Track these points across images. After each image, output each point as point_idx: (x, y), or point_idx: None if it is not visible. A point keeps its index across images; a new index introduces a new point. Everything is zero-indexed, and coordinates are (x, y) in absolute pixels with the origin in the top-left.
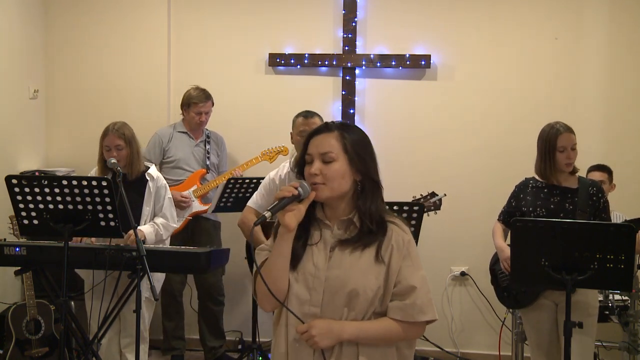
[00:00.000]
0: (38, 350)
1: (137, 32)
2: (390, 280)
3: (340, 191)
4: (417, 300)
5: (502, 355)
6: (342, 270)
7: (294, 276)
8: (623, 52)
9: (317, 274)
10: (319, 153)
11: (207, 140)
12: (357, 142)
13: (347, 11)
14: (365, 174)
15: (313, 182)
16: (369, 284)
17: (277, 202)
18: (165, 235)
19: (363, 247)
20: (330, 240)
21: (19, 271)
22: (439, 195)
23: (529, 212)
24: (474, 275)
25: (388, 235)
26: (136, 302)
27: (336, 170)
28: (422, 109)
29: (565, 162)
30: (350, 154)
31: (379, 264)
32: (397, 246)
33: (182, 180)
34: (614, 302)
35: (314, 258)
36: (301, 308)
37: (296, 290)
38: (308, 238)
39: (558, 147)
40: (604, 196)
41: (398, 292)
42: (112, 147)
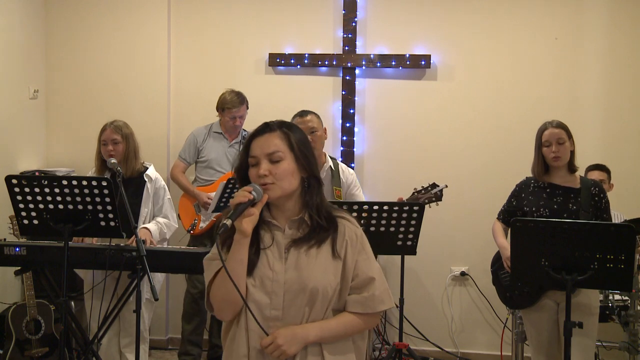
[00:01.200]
0: (38, 350)
1: (137, 32)
2: (347, 275)
3: (290, 189)
4: (376, 292)
5: (502, 355)
6: (301, 271)
7: (251, 282)
8: (622, 52)
9: (276, 278)
10: (265, 154)
11: (242, 141)
12: (300, 140)
13: (347, 11)
14: (310, 171)
15: (263, 182)
16: (328, 281)
17: (235, 209)
18: (168, 234)
19: (318, 244)
20: (283, 242)
21: (19, 271)
22: (440, 186)
23: (531, 212)
24: (474, 275)
25: (341, 231)
26: (136, 302)
27: (285, 169)
28: (422, 109)
29: (552, 156)
30: (295, 152)
31: (335, 260)
32: (350, 241)
33: (213, 181)
34: (614, 302)
35: (269, 262)
36: (262, 313)
37: (255, 296)
38: (259, 242)
39: (543, 141)
40: (605, 196)
41: (356, 286)
42: (109, 141)
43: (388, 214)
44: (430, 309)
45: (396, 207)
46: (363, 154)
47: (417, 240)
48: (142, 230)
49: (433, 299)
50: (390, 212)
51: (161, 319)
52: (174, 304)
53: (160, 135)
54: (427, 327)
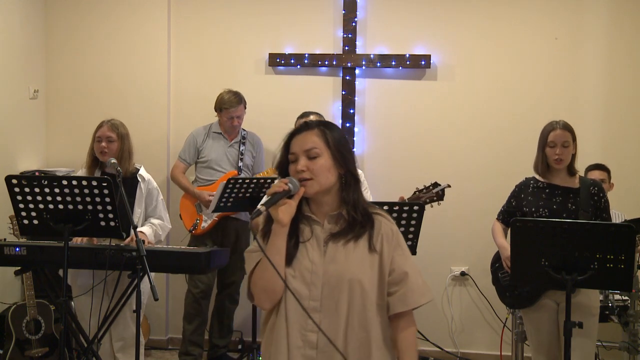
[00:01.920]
0: (38, 350)
1: (137, 31)
2: (384, 269)
3: (327, 185)
4: (414, 285)
5: (502, 355)
6: (339, 263)
7: (290, 272)
8: (622, 52)
9: (315, 269)
10: (303, 150)
11: (242, 141)
12: (338, 137)
13: (347, 11)
14: (347, 167)
15: (301, 178)
16: (365, 273)
17: (270, 197)
18: (163, 236)
19: (355, 238)
20: (322, 236)
21: (19, 271)
22: (441, 186)
23: (530, 213)
24: (474, 275)
25: (377, 226)
26: (136, 302)
27: (322, 164)
28: (422, 109)
29: (554, 158)
30: (332, 149)
31: (372, 254)
32: (386, 236)
33: (214, 181)
34: (614, 302)
35: (309, 254)
36: (301, 304)
37: (294, 286)
38: (299, 235)
39: (548, 141)
40: (604, 196)
41: (393, 281)
42: (104, 138)
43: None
44: (430, 309)
45: (396, 206)
46: (363, 154)
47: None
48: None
49: (433, 298)
50: (391, 212)
51: (161, 319)
52: (174, 304)
53: (160, 135)
54: (427, 327)
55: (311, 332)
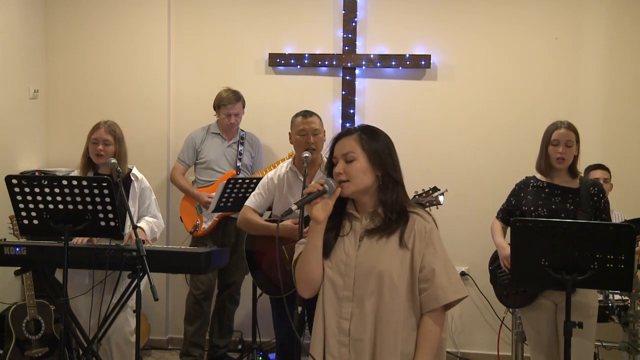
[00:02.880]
0: (38, 350)
1: (137, 32)
2: (415, 265)
3: (363, 186)
4: (443, 282)
5: (501, 355)
6: (370, 256)
7: (328, 264)
8: (622, 52)
9: (348, 261)
10: (342, 154)
11: (240, 141)
12: (376, 141)
13: (347, 11)
14: (385, 170)
15: (339, 179)
16: (394, 267)
17: (304, 197)
18: (158, 234)
19: (388, 234)
20: (359, 231)
21: (19, 271)
22: (440, 190)
23: (529, 212)
24: (474, 275)
25: (410, 224)
26: (136, 302)
27: (357, 168)
28: (422, 109)
29: (556, 156)
30: (368, 152)
31: (403, 249)
32: (419, 234)
33: (213, 182)
34: (614, 302)
35: (345, 247)
36: (337, 293)
37: (330, 276)
38: (340, 230)
39: (552, 140)
40: (604, 196)
41: (423, 278)
42: (101, 141)
43: None
44: None
45: None
46: None
47: None
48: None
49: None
50: None
51: (161, 319)
52: (174, 304)
53: (160, 135)
54: None
55: (344, 320)
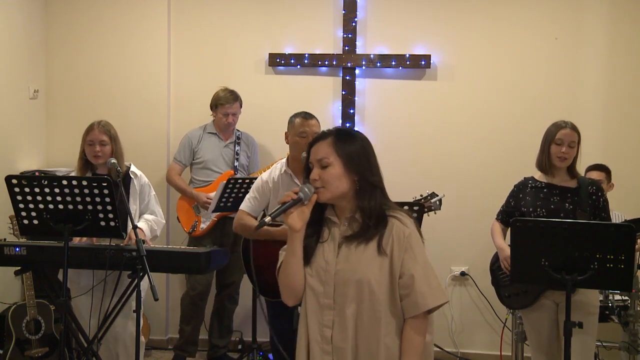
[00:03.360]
0: (38, 350)
1: (137, 32)
2: (395, 271)
3: (339, 192)
4: (423, 288)
5: (502, 355)
6: (349, 264)
7: (309, 272)
8: (622, 52)
9: (328, 269)
10: (317, 160)
11: (237, 141)
12: (351, 145)
13: (347, 11)
14: (362, 174)
15: (315, 186)
16: (373, 274)
17: (279, 207)
18: (158, 231)
19: (366, 241)
20: (337, 237)
21: (19, 271)
22: (439, 196)
23: (528, 212)
24: (474, 275)
25: (389, 229)
26: (136, 302)
27: (332, 174)
28: (422, 109)
29: (559, 155)
30: (343, 157)
31: (381, 256)
32: (397, 239)
33: (211, 182)
34: (614, 302)
35: (324, 254)
36: (318, 300)
37: (311, 283)
38: (320, 236)
39: (556, 139)
40: (603, 195)
41: (403, 284)
42: (96, 142)
43: None
44: None
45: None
46: None
47: None
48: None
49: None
50: None
51: (161, 319)
52: (174, 304)
53: (159, 135)
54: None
55: (327, 328)
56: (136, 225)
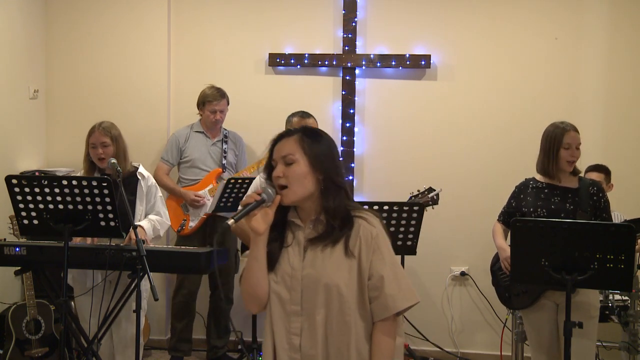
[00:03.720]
0: (38, 350)
1: (137, 32)
2: (363, 273)
3: (303, 192)
4: (393, 290)
5: (502, 355)
6: (316, 268)
7: (273, 278)
8: (622, 52)
9: (294, 274)
10: (281, 156)
11: (224, 139)
12: (317, 144)
13: (347, 11)
14: (327, 174)
15: (278, 184)
16: (341, 278)
17: (241, 210)
18: (162, 232)
19: (333, 243)
20: (302, 241)
21: (19, 271)
22: (435, 190)
23: (529, 213)
24: (474, 275)
25: (355, 230)
26: (136, 302)
27: (297, 171)
28: (422, 109)
29: (568, 160)
30: (310, 155)
31: (349, 258)
32: (364, 240)
33: (199, 180)
34: (614, 302)
35: (289, 259)
36: (284, 307)
37: (277, 290)
38: (284, 240)
39: (564, 144)
40: (604, 195)
41: (372, 286)
42: (98, 144)
43: (388, 214)
44: (430, 309)
45: (396, 207)
46: (363, 154)
47: (417, 240)
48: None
49: (433, 299)
50: (390, 212)
51: (161, 319)
52: None
53: (160, 135)
54: (427, 327)
55: (294, 336)
56: (136, 225)
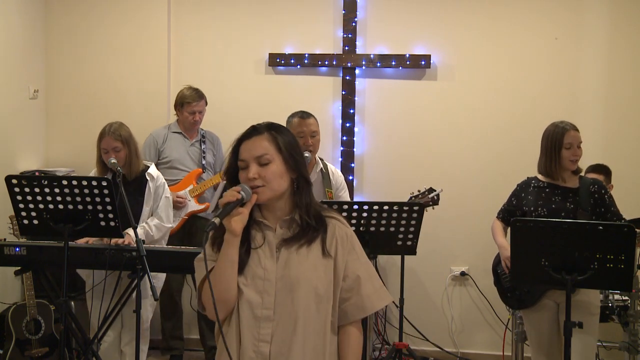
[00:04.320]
0: (38, 350)
1: (137, 32)
2: (339, 274)
3: (280, 191)
4: (368, 290)
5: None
6: (292, 269)
7: (242, 281)
8: (622, 52)
9: (267, 276)
10: (254, 157)
11: (202, 139)
12: (288, 141)
13: (347, 11)
14: (299, 171)
15: (253, 185)
16: (319, 279)
17: (224, 208)
18: (157, 236)
19: (308, 243)
20: (274, 241)
21: (19, 271)
22: (436, 191)
23: (530, 212)
24: (474, 275)
25: (330, 230)
26: (136, 302)
27: (273, 171)
28: (422, 109)
29: (571, 159)
30: (284, 153)
31: (326, 259)
32: (341, 240)
33: (178, 180)
34: (614, 302)
35: (261, 261)
36: (253, 312)
37: (246, 294)
38: (250, 242)
39: (565, 143)
40: (606, 192)
41: (347, 287)
42: (110, 149)
43: (388, 214)
44: (430, 309)
45: (396, 207)
46: (363, 154)
47: (417, 240)
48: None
49: (433, 299)
50: (390, 212)
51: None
52: None
53: None
54: (427, 327)
55: (264, 343)
56: (136, 226)
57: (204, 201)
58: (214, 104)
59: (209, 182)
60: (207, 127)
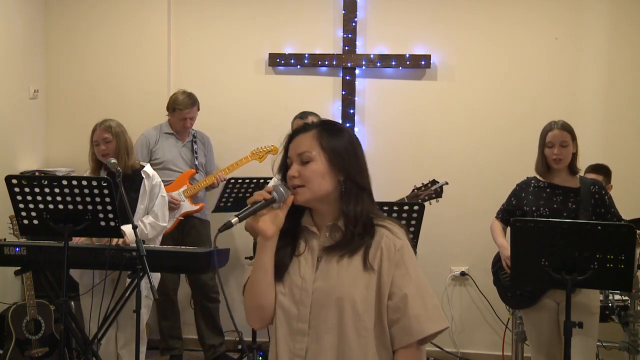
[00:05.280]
0: (38, 350)
1: (137, 32)
2: (383, 290)
3: (321, 192)
4: (417, 310)
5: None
6: (329, 280)
7: (281, 289)
8: (622, 52)
9: (304, 286)
10: (297, 154)
11: (193, 140)
12: (338, 139)
13: (347, 11)
14: (348, 173)
15: (293, 184)
16: (358, 293)
17: (248, 207)
18: (151, 234)
19: (350, 253)
20: (317, 249)
21: (19, 271)
22: (439, 183)
23: (531, 212)
24: (474, 275)
25: (376, 240)
26: (136, 302)
27: (314, 170)
28: (422, 109)
29: (553, 158)
30: (329, 152)
31: (368, 272)
32: (387, 252)
33: (171, 181)
34: (614, 302)
35: (300, 269)
36: (289, 325)
37: (283, 304)
38: (295, 248)
39: (546, 142)
40: (606, 193)
41: (394, 306)
42: (100, 140)
43: (388, 213)
44: None
45: (396, 206)
46: None
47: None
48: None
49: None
50: (390, 212)
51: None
52: None
53: None
54: None
55: (298, 358)
56: (136, 226)
57: (198, 201)
58: (214, 104)
59: (203, 183)
60: (206, 128)
